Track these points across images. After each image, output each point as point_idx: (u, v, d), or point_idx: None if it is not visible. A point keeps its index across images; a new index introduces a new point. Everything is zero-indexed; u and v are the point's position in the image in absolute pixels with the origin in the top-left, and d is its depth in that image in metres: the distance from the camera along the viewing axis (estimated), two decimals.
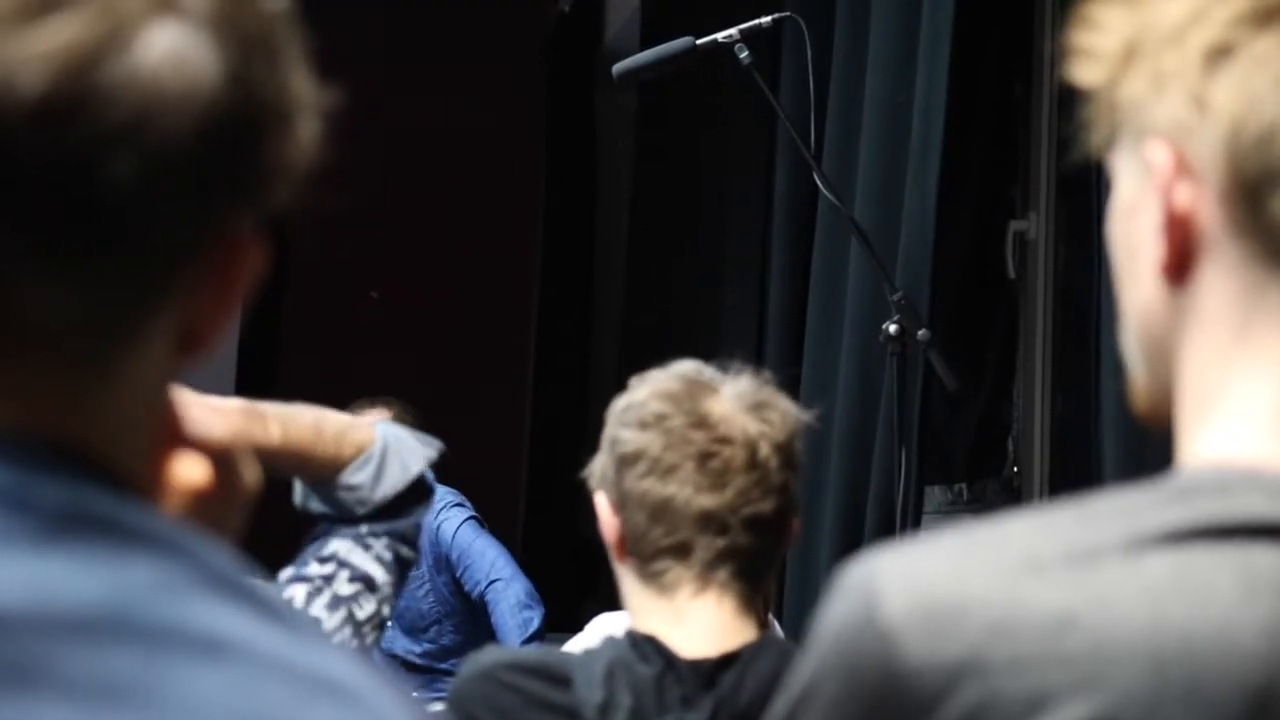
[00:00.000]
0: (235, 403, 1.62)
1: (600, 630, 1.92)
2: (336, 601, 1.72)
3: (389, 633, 4.61)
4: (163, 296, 0.73)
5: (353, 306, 6.01)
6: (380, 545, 1.76)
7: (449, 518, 4.53)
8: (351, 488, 1.75)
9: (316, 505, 1.77)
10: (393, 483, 1.77)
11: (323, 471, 1.74)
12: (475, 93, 6.04)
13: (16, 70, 0.67)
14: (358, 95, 0.77)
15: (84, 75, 0.67)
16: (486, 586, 4.47)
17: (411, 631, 4.63)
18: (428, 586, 4.59)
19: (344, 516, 1.77)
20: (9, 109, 0.67)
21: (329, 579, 1.73)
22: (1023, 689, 0.81)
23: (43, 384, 0.71)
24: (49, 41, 0.67)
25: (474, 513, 4.56)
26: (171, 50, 0.69)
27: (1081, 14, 0.91)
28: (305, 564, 1.76)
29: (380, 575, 1.75)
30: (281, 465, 1.68)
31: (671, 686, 1.65)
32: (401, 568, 1.77)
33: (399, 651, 4.63)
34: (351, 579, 1.73)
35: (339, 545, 1.75)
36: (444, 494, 4.55)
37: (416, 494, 1.79)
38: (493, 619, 4.47)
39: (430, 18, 5.95)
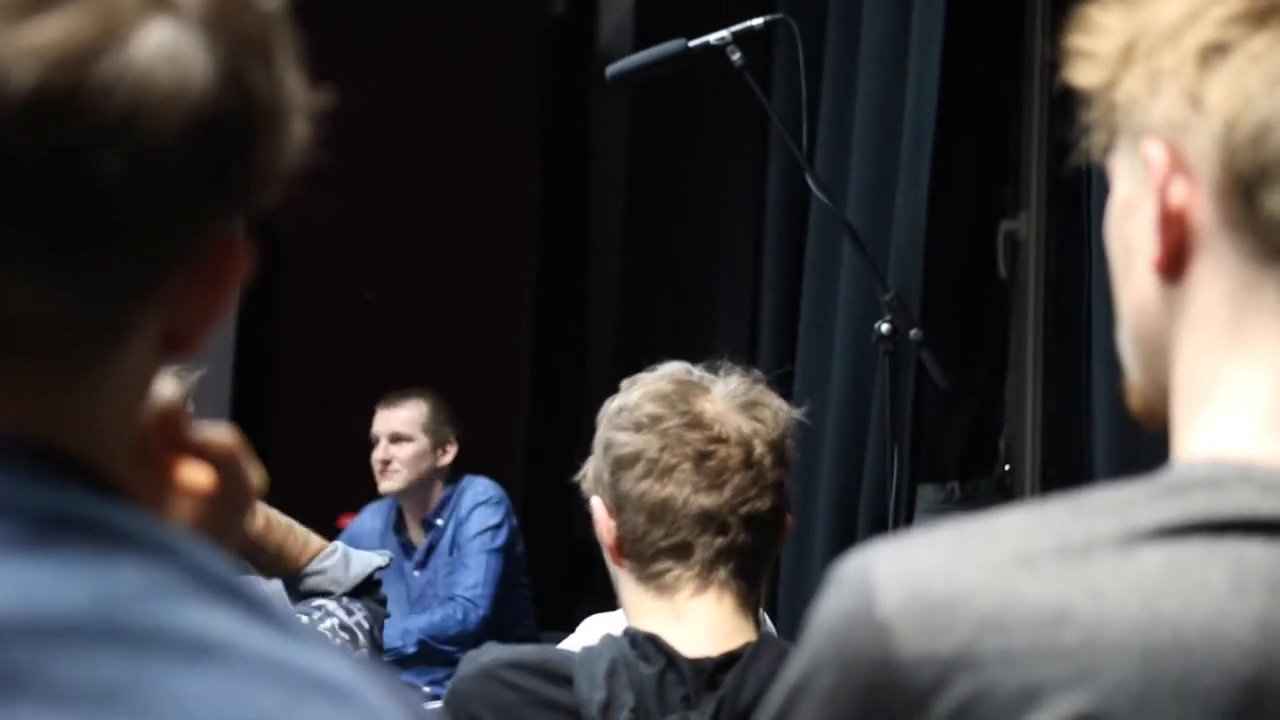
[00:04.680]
0: None
1: (591, 632, 1.91)
2: None
3: None
4: (149, 296, 0.72)
5: (347, 307, 6.00)
6: (360, 614, 1.98)
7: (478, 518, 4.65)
8: (322, 570, 1.98)
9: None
10: (360, 567, 2.01)
11: (294, 563, 1.98)
12: (469, 94, 6.04)
13: (9, 64, 0.67)
14: (351, 95, 0.77)
15: (76, 70, 0.67)
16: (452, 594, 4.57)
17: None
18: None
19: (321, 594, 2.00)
20: (0, 103, 0.66)
21: (314, 622, 1.86)
22: (1016, 682, 0.81)
23: (25, 384, 0.70)
24: (42, 36, 0.67)
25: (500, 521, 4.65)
26: (165, 48, 0.69)
27: (1077, 15, 0.91)
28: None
29: (360, 635, 1.90)
30: (259, 554, 1.95)
31: (673, 686, 1.64)
32: (373, 644, 1.96)
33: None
34: (333, 627, 1.90)
35: (324, 600, 1.98)
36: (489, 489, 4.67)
37: (373, 589, 2.04)
38: (433, 609, 4.56)
39: (424, 18, 5.94)
